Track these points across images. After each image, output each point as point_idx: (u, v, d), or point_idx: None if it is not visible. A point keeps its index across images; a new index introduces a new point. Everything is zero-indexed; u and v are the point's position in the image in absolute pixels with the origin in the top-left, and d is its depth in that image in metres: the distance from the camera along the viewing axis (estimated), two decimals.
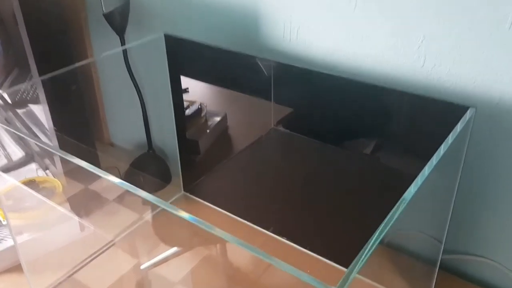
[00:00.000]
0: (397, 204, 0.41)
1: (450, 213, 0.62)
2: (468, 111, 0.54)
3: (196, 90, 1.34)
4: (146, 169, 0.97)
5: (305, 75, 0.79)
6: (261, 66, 0.87)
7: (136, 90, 0.94)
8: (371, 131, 0.82)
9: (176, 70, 0.87)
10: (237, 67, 0.87)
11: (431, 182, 0.46)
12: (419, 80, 0.66)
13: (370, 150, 0.88)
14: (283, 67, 0.80)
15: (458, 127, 0.51)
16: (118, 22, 0.88)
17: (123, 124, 1.14)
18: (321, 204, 0.87)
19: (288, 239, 0.81)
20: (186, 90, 1.44)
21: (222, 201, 0.90)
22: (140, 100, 0.94)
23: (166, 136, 1.03)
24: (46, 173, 0.95)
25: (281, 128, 1.13)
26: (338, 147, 0.98)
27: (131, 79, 0.93)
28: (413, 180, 0.44)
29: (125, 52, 0.90)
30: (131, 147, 1.14)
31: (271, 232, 0.83)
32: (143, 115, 0.96)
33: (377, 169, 0.84)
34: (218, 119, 1.13)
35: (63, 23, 0.97)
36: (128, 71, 0.92)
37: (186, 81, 1.17)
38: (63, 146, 0.91)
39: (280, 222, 0.86)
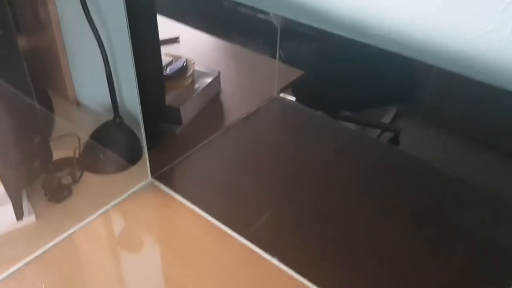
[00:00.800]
0: None
1: None
2: None
3: (182, 41, 1.10)
4: (109, 142, 0.76)
5: (321, 36, 0.58)
6: (262, 17, 0.65)
7: (94, 34, 0.71)
8: (411, 119, 0.63)
9: (140, 10, 0.63)
10: (228, 14, 0.64)
11: None
12: (502, 60, 0.43)
13: (401, 143, 0.71)
14: (290, 21, 0.57)
15: None
16: None
17: (90, 79, 0.92)
18: (331, 214, 0.67)
19: (279, 259, 0.61)
20: (176, 40, 1.21)
21: (199, 195, 0.70)
22: (100, 49, 0.71)
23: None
24: None
25: (286, 97, 0.92)
26: (360, 130, 0.81)
27: (87, 19, 0.69)
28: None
29: None
30: (101, 110, 0.92)
31: (253, 244, 0.63)
32: (105, 70, 0.74)
33: (411, 170, 0.65)
34: (208, 80, 0.92)
35: None
36: (82, 7, 0.69)
37: (172, 29, 0.94)
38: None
39: (271, 233, 0.65)
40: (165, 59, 0.89)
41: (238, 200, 0.70)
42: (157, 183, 0.72)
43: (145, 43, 0.73)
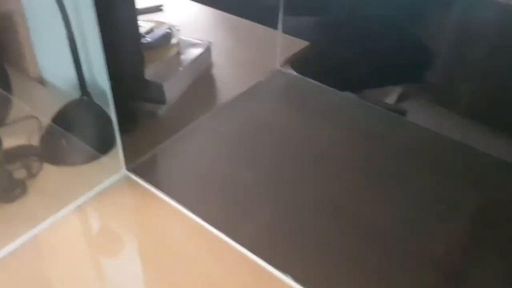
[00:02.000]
0: None
1: None
2: None
3: (167, 11, 0.96)
4: (74, 126, 0.62)
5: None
6: None
7: None
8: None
9: None
10: None
11: None
12: None
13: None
14: None
15: None
16: None
17: (55, 51, 0.77)
18: (349, 213, 0.54)
19: (283, 271, 0.47)
20: (158, 9, 1.09)
21: (186, 191, 0.56)
22: (58, 6, 0.57)
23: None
24: None
25: (289, 71, 0.79)
26: (372, 103, 0.73)
27: None
28: None
29: None
30: (69, 87, 0.78)
31: (254, 253, 0.49)
32: (67, 33, 0.59)
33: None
34: (197, 52, 0.77)
35: None
36: None
37: None
38: None
39: (274, 239, 0.52)
40: (144, 26, 0.74)
41: (234, 197, 0.57)
42: (133, 176, 0.58)
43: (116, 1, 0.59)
